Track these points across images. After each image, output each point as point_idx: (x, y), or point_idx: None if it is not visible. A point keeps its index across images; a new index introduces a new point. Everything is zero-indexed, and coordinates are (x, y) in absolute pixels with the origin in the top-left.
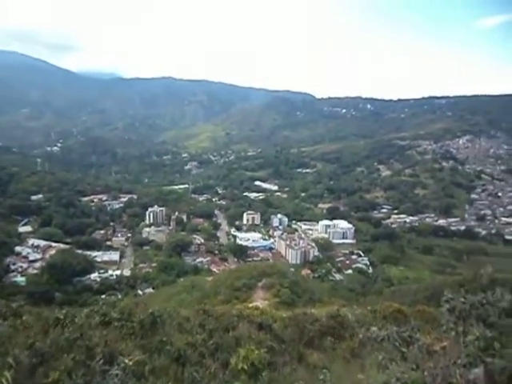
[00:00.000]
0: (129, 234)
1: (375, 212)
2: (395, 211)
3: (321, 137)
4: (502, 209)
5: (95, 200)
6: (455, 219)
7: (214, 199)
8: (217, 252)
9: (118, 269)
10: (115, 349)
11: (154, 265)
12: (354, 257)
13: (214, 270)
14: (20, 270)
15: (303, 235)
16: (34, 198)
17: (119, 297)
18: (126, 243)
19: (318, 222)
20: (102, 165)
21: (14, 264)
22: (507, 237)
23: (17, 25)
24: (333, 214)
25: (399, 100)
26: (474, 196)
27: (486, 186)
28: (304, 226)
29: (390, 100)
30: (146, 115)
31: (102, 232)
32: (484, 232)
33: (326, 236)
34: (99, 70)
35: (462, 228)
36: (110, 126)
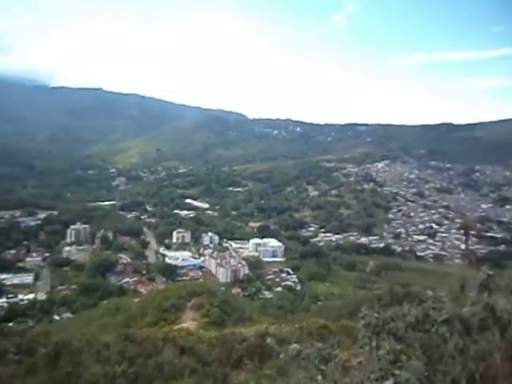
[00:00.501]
0: (46, 254)
1: (303, 230)
2: (322, 230)
3: (252, 156)
4: (414, 227)
5: (6, 216)
6: (375, 237)
7: (142, 217)
8: (144, 272)
9: (31, 292)
10: None
11: (73, 287)
12: (283, 275)
13: (141, 290)
14: None
15: (234, 254)
16: None
17: (30, 324)
18: (42, 264)
19: (248, 241)
20: (15, 178)
21: None
22: (418, 253)
23: None
24: (263, 233)
25: (326, 124)
26: (390, 216)
27: (400, 207)
28: (235, 245)
29: (318, 124)
30: (71, 127)
31: (13, 252)
32: (399, 249)
33: (257, 254)
34: (20, 74)
35: (381, 245)
36: (27, 137)
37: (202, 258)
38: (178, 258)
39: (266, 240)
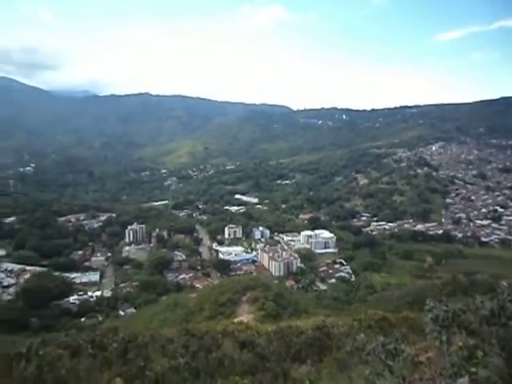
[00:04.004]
0: (108, 254)
1: (355, 220)
2: (374, 219)
3: (298, 148)
4: (475, 212)
5: (72, 220)
6: (433, 224)
7: (194, 214)
8: (199, 268)
9: (98, 290)
10: (91, 380)
11: (135, 284)
12: (336, 266)
13: (197, 286)
14: None
15: (285, 247)
16: (7, 220)
17: (100, 319)
18: (105, 263)
19: (299, 233)
20: (78, 184)
21: None
22: (482, 239)
23: None
24: (314, 224)
25: (373, 110)
26: (448, 200)
27: (459, 191)
28: (286, 238)
29: (364, 110)
30: (122, 132)
31: (81, 252)
32: (460, 235)
33: (308, 246)
34: (73, 87)
35: (440, 232)
36: (86, 145)
37: (254, 253)
38: (230, 253)
39: (317, 231)
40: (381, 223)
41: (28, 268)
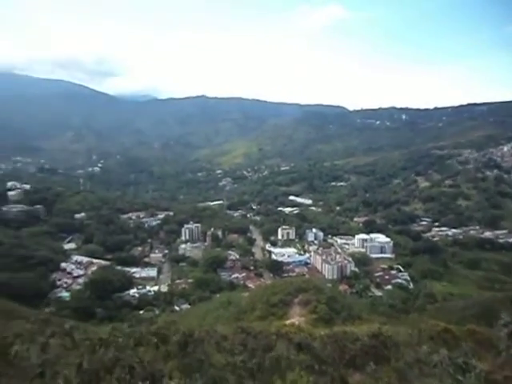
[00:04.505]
0: (166, 251)
1: (414, 225)
2: (436, 224)
3: (354, 149)
4: None
5: (133, 217)
6: (503, 231)
7: (248, 215)
8: (252, 268)
9: (155, 285)
10: (155, 369)
11: (190, 281)
12: (393, 272)
13: (250, 285)
14: (65, 285)
15: (339, 250)
16: (77, 216)
17: (156, 312)
18: (163, 259)
19: (354, 236)
20: (139, 183)
21: (59, 280)
22: None
23: (60, 53)
24: (369, 228)
25: (436, 108)
26: None
27: None
28: (340, 241)
29: (426, 109)
30: (180, 134)
31: (140, 248)
32: None
33: (363, 250)
34: (136, 92)
35: (511, 240)
36: (147, 146)
37: (307, 255)
38: (283, 254)
39: (372, 235)
40: (443, 229)
41: (95, 261)
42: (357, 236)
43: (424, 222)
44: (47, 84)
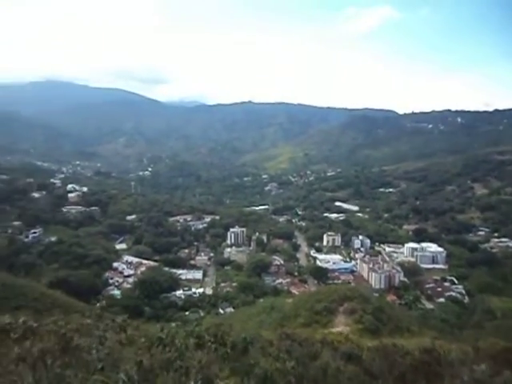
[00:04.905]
0: (211, 254)
1: (470, 235)
2: (495, 234)
3: (404, 154)
4: None
5: (181, 220)
6: None
7: (293, 220)
8: (296, 273)
9: (200, 287)
10: (211, 372)
11: (234, 284)
12: (446, 284)
13: (294, 291)
14: (116, 284)
15: (387, 258)
16: (128, 218)
17: (201, 314)
18: (208, 262)
19: (403, 245)
20: (187, 187)
21: (111, 278)
22: None
23: (116, 64)
24: (420, 237)
25: (496, 111)
26: None
27: None
28: (388, 249)
29: (485, 111)
30: (227, 139)
31: (187, 251)
32: None
33: (413, 260)
34: (184, 98)
35: None
36: (194, 151)
37: (353, 262)
38: (328, 261)
39: (423, 244)
40: (503, 240)
41: (144, 262)
42: (406, 244)
43: (481, 232)
44: (103, 93)
